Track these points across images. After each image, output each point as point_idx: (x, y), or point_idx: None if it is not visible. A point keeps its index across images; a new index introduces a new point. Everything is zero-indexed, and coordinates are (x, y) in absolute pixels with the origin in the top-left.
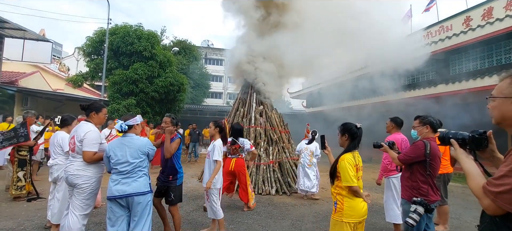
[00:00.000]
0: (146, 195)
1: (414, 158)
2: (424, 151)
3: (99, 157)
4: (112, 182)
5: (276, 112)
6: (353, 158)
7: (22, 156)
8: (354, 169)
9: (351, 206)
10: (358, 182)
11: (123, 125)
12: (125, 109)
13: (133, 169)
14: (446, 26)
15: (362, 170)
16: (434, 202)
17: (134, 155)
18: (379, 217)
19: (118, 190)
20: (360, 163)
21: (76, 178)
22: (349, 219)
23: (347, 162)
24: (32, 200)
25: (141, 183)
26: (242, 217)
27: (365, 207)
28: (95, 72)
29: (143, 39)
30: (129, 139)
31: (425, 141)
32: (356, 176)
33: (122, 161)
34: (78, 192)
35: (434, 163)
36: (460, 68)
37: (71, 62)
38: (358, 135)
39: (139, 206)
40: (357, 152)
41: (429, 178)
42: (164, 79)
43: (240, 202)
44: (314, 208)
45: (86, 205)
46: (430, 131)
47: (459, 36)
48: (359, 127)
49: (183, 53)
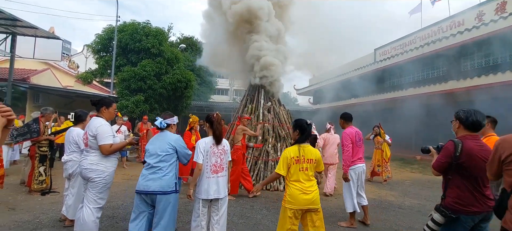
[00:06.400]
0: (169, 195)
1: (444, 162)
2: (453, 153)
3: (116, 148)
4: (141, 177)
5: (284, 108)
6: (298, 150)
7: (43, 152)
8: (292, 161)
9: (290, 193)
10: (303, 173)
11: (162, 122)
12: (133, 105)
13: (160, 161)
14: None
15: (311, 162)
16: (478, 213)
17: (163, 148)
18: (389, 214)
19: (143, 185)
20: (310, 155)
21: (90, 172)
22: (290, 205)
23: (286, 153)
24: (46, 194)
25: (165, 182)
26: (251, 212)
27: (306, 197)
28: (104, 69)
29: (151, 36)
30: (163, 134)
31: (456, 140)
32: (285, 166)
33: (151, 153)
34: (92, 185)
35: (469, 165)
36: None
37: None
38: (307, 130)
39: (161, 204)
40: (308, 145)
41: (468, 184)
42: (172, 76)
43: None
44: (323, 204)
45: (100, 199)
46: (462, 127)
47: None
48: (309, 123)
49: (189, 50)
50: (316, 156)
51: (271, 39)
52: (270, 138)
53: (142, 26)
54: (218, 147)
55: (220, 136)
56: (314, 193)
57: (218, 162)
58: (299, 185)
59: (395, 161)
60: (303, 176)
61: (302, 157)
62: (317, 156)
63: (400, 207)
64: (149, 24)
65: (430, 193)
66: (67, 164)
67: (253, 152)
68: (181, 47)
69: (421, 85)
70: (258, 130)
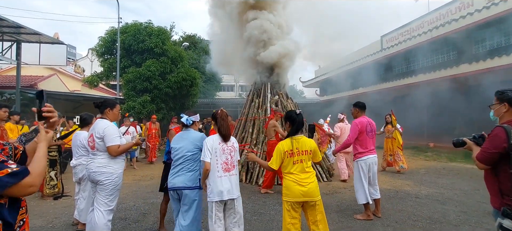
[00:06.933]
0: (193, 190)
1: (493, 153)
2: (507, 140)
3: (124, 149)
4: (170, 175)
5: (292, 101)
6: (291, 143)
7: (52, 156)
8: (285, 154)
9: (286, 185)
10: (298, 165)
11: (188, 119)
12: (140, 106)
13: (186, 160)
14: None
15: (307, 154)
16: None
17: (189, 147)
18: (406, 204)
19: (171, 182)
20: (304, 147)
21: (98, 175)
22: (286, 198)
23: (279, 147)
24: (58, 198)
25: (188, 177)
26: (264, 208)
27: (302, 188)
28: (109, 71)
29: (154, 36)
30: (188, 133)
31: (507, 126)
32: (278, 160)
33: (179, 153)
34: (101, 188)
35: None
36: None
37: (85, 64)
38: (296, 120)
39: (186, 199)
40: (303, 137)
41: None
42: (177, 74)
43: (260, 193)
44: (337, 197)
45: (110, 201)
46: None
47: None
48: (298, 113)
49: (193, 48)
50: (311, 147)
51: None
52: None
53: (144, 26)
54: (227, 144)
55: (226, 133)
56: (310, 184)
57: (228, 159)
58: (293, 177)
59: (408, 149)
60: (298, 168)
61: (296, 150)
62: (312, 147)
63: (417, 196)
64: (151, 24)
65: (447, 180)
66: (76, 168)
67: (263, 147)
68: (184, 46)
69: (431, 71)
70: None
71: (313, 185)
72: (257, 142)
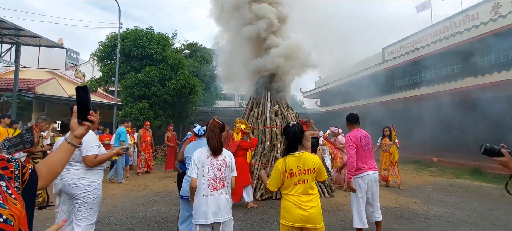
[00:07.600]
0: None
1: None
2: None
3: (101, 159)
4: (185, 182)
5: (293, 111)
6: (292, 162)
7: (37, 163)
8: (285, 175)
9: (284, 206)
10: (301, 186)
11: (200, 129)
12: (138, 113)
13: None
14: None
15: (311, 172)
16: None
17: None
18: (415, 225)
19: (185, 190)
20: (307, 165)
21: (74, 187)
22: (284, 221)
23: (278, 166)
24: (43, 208)
25: None
26: (261, 225)
27: (302, 213)
28: (108, 77)
29: (154, 42)
30: (201, 142)
31: None
32: (277, 180)
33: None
34: (78, 202)
35: None
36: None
37: (87, 69)
38: (290, 133)
39: None
40: (305, 153)
41: None
42: (176, 81)
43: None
44: (340, 215)
45: (90, 215)
46: None
47: None
48: (291, 126)
49: (194, 55)
50: (316, 164)
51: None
52: (279, 143)
53: (145, 32)
54: (218, 158)
55: (216, 145)
56: (313, 209)
57: (217, 176)
58: (294, 198)
59: (410, 164)
60: (300, 189)
61: (297, 169)
62: (316, 164)
63: (426, 217)
64: (152, 30)
65: (456, 199)
66: (56, 179)
67: (261, 159)
68: (185, 53)
69: (435, 83)
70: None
71: (316, 209)
72: (255, 153)
